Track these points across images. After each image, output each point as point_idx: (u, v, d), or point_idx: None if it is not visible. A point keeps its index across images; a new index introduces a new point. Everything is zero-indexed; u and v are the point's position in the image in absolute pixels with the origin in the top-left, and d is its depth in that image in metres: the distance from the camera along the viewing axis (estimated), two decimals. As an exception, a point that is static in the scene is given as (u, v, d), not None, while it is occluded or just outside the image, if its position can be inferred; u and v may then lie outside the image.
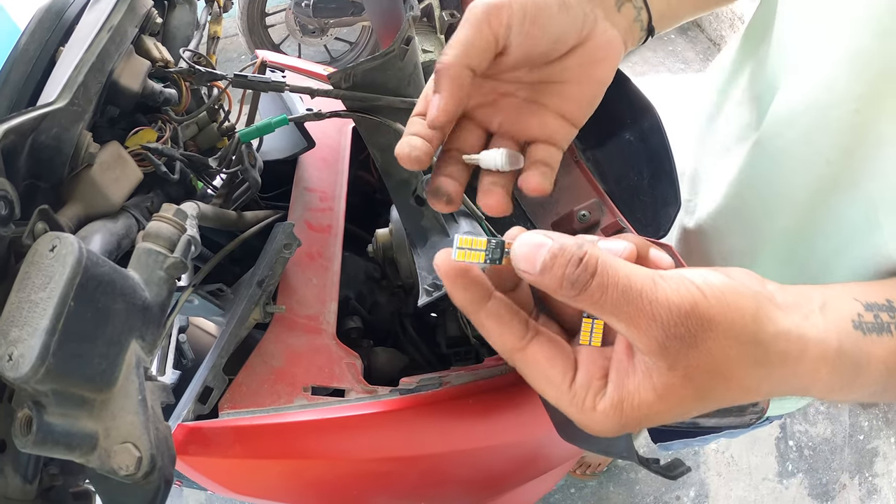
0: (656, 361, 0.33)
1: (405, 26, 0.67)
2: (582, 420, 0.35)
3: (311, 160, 0.91)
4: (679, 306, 0.32)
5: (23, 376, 0.37)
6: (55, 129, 0.49)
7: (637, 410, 0.34)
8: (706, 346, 0.33)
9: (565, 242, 0.33)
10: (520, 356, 0.36)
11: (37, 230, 0.45)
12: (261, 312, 0.70)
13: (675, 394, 0.33)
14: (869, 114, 0.57)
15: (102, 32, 0.52)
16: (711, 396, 0.34)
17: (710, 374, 0.33)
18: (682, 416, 0.35)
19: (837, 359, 0.39)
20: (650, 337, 0.32)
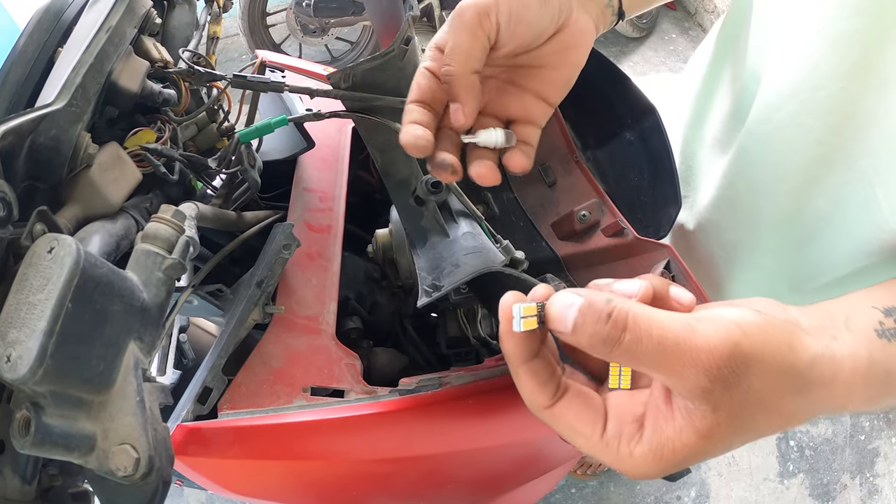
0: (699, 406, 0.33)
1: (405, 26, 0.67)
2: (619, 466, 0.36)
3: (310, 160, 0.91)
4: (721, 350, 0.32)
5: (21, 378, 0.37)
6: (54, 130, 0.49)
7: (679, 454, 0.34)
8: (749, 384, 0.32)
9: (593, 299, 0.33)
10: (548, 413, 0.38)
11: (35, 231, 0.45)
12: (260, 313, 0.70)
13: (720, 433, 0.33)
14: (855, 91, 0.58)
15: (101, 33, 0.52)
16: (753, 428, 0.34)
17: (754, 408, 0.33)
18: (724, 450, 0.35)
19: (870, 370, 0.39)
20: (693, 384, 0.32)
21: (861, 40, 0.56)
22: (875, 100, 0.57)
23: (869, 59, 0.56)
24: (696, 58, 0.93)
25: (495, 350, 0.91)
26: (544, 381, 0.38)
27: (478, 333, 0.92)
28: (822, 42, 0.59)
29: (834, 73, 0.59)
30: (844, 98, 0.59)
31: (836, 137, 0.62)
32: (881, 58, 0.55)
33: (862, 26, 0.55)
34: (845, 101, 0.59)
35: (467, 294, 0.87)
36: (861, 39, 0.56)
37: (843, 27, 0.57)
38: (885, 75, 0.56)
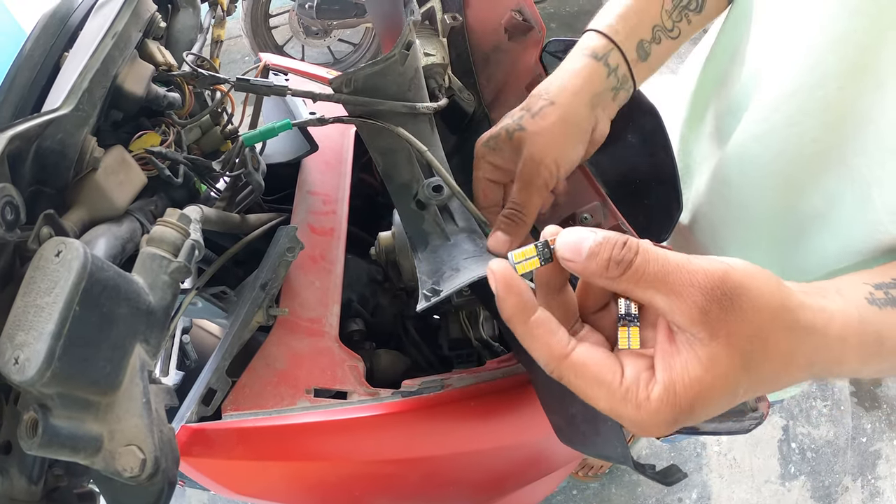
0: (698, 332, 0.34)
1: (406, 31, 0.67)
2: (638, 417, 0.36)
3: (314, 163, 0.91)
4: (713, 273, 0.34)
5: (29, 380, 0.38)
6: (60, 134, 0.50)
7: (689, 390, 0.35)
8: (741, 310, 0.34)
9: (607, 232, 0.37)
10: (567, 363, 0.38)
11: (42, 235, 0.46)
12: (264, 315, 0.70)
13: (721, 363, 0.34)
14: (852, 91, 0.59)
15: (107, 39, 0.52)
16: (755, 366, 0.35)
17: (749, 338, 0.35)
18: (731, 391, 0.35)
19: (861, 328, 0.41)
20: (691, 302, 0.34)
21: (859, 41, 0.57)
22: (871, 100, 0.58)
23: (867, 59, 0.57)
24: (695, 55, 0.94)
25: (497, 352, 0.91)
26: (555, 330, 0.38)
27: (480, 335, 0.92)
28: (822, 42, 0.60)
29: (832, 72, 0.60)
30: (842, 98, 0.60)
31: (832, 136, 0.63)
32: (878, 58, 0.56)
33: (860, 27, 0.56)
34: (842, 101, 0.60)
35: (469, 296, 0.88)
36: (859, 40, 0.57)
37: (842, 27, 0.58)
38: (881, 76, 0.57)
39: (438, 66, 0.87)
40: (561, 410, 0.71)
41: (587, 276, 0.37)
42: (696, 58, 0.92)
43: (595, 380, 0.37)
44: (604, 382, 0.37)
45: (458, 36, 0.94)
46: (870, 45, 0.56)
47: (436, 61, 0.87)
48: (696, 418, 0.36)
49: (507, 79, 0.89)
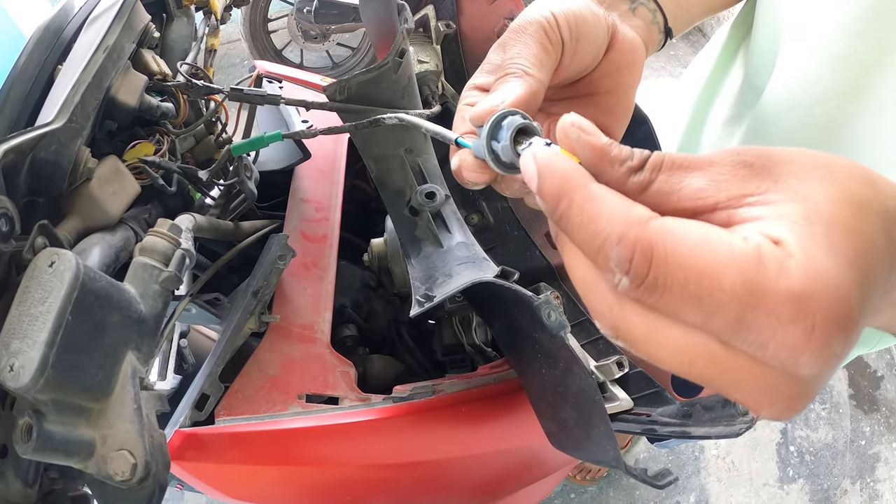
0: (759, 185, 0.26)
1: (399, 39, 0.68)
2: (794, 282, 0.23)
3: (307, 171, 0.93)
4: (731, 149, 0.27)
5: (23, 386, 0.39)
6: (54, 146, 0.51)
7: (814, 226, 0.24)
8: (783, 157, 0.27)
9: None
10: (657, 225, 0.25)
11: (37, 245, 0.47)
12: (256, 322, 0.71)
13: (811, 192, 0.25)
14: (852, 111, 0.58)
15: (98, 52, 0.53)
16: (847, 191, 0.25)
17: (817, 169, 0.26)
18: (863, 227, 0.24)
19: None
20: (731, 163, 0.26)
21: (860, 61, 0.56)
22: (872, 123, 0.57)
23: (867, 80, 0.56)
24: (697, 64, 0.94)
25: (490, 357, 0.92)
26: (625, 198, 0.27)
27: (473, 341, 0.93)
28: (823, 60, 0.59)
29: (832, 91, 0.59)
30: (841, 117, 0.59)
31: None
32: (879, 80, 0.55)
33: (862, 48, 0.55)
34: (842, 121, 0.59)
35: (462, 302, 0.88)
36: (860, 60, 0.56)
37: (842, 47, 0.57)
38: (882, 99, 0.55)
39: (432, 73, 0.88)
40: (553, 415, 0.72)
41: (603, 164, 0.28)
42: (698, 66, 0.92)
43: (706, 239, 0.24)
44: (721, 241, 0.24)
45: (452, 43, 0.95)
46: (870, 68, 0.55)
47: (429, 68, 0.88)
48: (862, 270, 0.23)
49: (499, 86, 0.90)
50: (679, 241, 0.24)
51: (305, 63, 3.25)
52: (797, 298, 0.22)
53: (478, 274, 0.66)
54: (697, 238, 0.24)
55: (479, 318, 0.95)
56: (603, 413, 0.61)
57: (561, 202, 0.27)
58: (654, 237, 0.24)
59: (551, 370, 0.69)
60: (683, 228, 0.24)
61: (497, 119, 0.33)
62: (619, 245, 0.25)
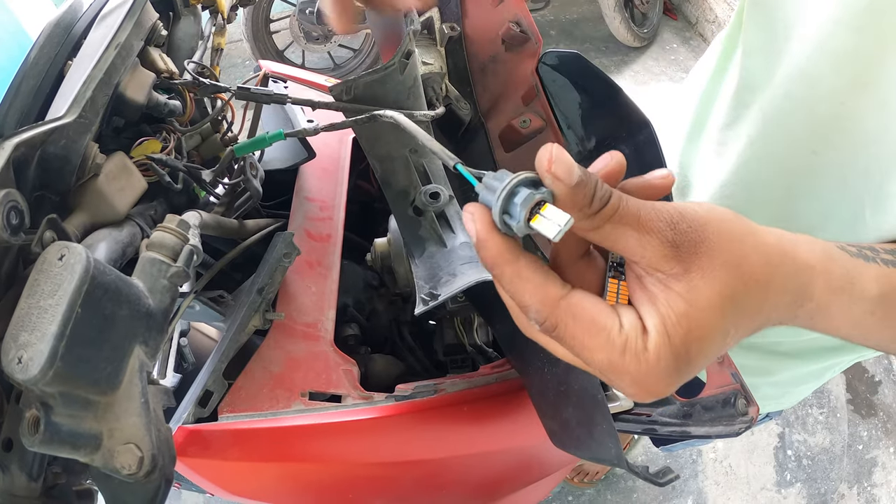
0: (672, 267, 0.34)
1: (406, 40, 0.68)
2: (639, 370, 0.34)
3: (311, 170, 0.93)
4: (677, 208, 0.35)
5: (32, 378, 0.39)
6: (63, 140, 0.51)
7: (679, 327, 0.34)
8: (710, 239, 0.34)
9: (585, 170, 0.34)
10: (563, 305, 0.35)
11: (45, 239, 0.47)
12: (260, 319, 0.71)
13: (702, 293, 0.34)
14: (853, 108, 0.59)
15: (110, 49, 0.54)
16: (735, 294, 0.35)
17: (723, 265, 0.34)
18: (720, 325, 0.35)
19: (828, 260, 0.40)
20: (662, 238, 0.34)
21: (860, 56, 0.56)
22: (874, 120, 0.58)
23: (869, 77, 0.56)
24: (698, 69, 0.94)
25: (491, 357, 0.92)
26: (547, 272, 0.35)
27: (474, 341, 0.93)
28: (822, 57, 0.59)
29: (833, 88, 0.59)
30: (843, 113, 0.60)
31: (832, 152, 0.62)
32: (881, 76, 0.55)
33: (861, 43, 0.56)
34: (844, 117, 0.60)
35: (464, 303, 0.89)
36: (860, 56, 0.56)
37: (841, 43, 0.57)
38: (883, 94, 0.56)
39: (436, 74, 0.88)
40: (555, 414, 0.72)
41: (568, 206, 0.33)
42: (698, 71, 0.93)
43: (594, 325, 0.34)
44: (603, 329, 0.34)
45: (456, 45, 0.95)
46: (871, 63, 0.56)
47: (434, 70, 0.88)
48: (694, 362, 0.35)
49: (503, 89, 0.90)
50: (576, 319, 0.35)
51: (307, 64, 3.25)
52: (634, 378, 0.35)
53: (482, 273, 0.67)
54: (589, 322, 0.35)
55: (481, 319, 0.95)
56: (605, 411, 0.61)
57: (494, 270, 0.36)
58: (560, 315, 0.35)
59: (553, 369, 0.69)
60: (581, 311, 0.35)
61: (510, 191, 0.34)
62: (536, 314, 0.35)
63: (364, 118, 0.61)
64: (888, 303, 0.43)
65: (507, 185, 0.34)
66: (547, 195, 0.33)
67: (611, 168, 0.37)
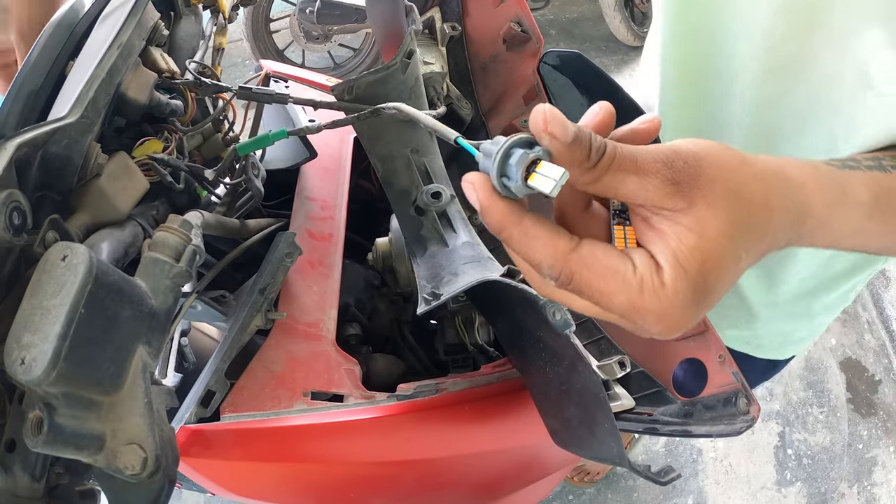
0: (676, 203, 0.34)
1: (407, 40, 0.68)
2: (660, 306, 0.35)
3: (312, 170, 0.93)
4: (670, 147, 0.35)
5: (35, 379, 0.39)
6: (65, 140, 0.51)
7: (693, 259, 0.34)
8: (707, 171, 0.35)
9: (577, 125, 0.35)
10: (575, 256, 0.35)
11: (48, 239, 0.47)
12: (262, 319, 0.71)
13: (709, 223, 0.34)
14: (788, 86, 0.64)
15: (112, 49, 0.54)
16: (740, 218, 0.35)
17: (725, 193, 0.35)
18: (732, 250, 0.35)
19: (818, 175, 0.42)
20: (662, 177, 0.34)
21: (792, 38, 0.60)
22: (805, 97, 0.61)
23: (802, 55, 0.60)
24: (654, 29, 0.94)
25: (492, 357, 0.92)
26: (555, 227, 0.36)
27: (475, 340, 0.94)
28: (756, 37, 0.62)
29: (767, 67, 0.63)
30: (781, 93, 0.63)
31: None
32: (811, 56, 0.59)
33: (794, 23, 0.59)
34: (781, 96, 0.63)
35: (465, 302, 0.89)
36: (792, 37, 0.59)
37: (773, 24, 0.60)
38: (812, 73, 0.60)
39: (437, 74, 0.89)
40: (557, 414, 0.72)
41: (566, 163, 0.34)
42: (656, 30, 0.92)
43: (607, 270, 0.35)
44: (617, 272, 0.35)
45: (457, 45, 0.95)
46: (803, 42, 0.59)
47: (435, 70, 0.88)
48: (712, 291, 0.35)
49: (504, 88, 0.90)
50: (590, 268, 0.35)
51: (307, 63, 3.25)
52: (657, 314, 0.35)
53: (484, 273, 0.67)
54: (602, 268, 0.35)
55: (482, 318, 0.95)
56: (607, 410, 0.61)
57: (502, 233, 0.36)
58: (573, 267, 0.35)
59: (555, 368, 0.69)
60: (593, 259, 0.35)
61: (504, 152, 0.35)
62: (549, 269, 0.36)
63: (367, 113, 0.61)
64: (881, 204, 0.44)
65: (502, 147, 0.34)
66: (542, 153, 0.34)
67: (601, 118, 0.38)
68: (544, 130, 0.33)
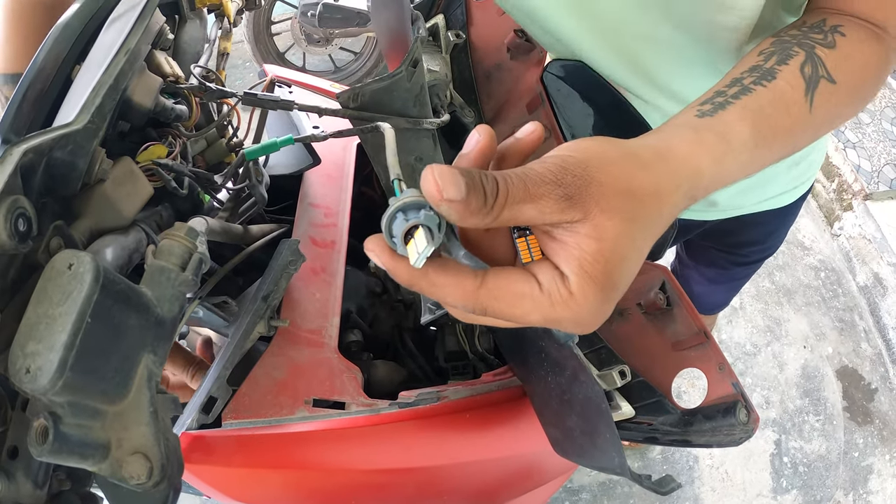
0: (573, 215, 0.36)
1: (414, 48, 0.68)
2: (572, 313, 0.36)
3: (315, 176, 0.93)
4: (556, 163, 0.36)
5: (41, 389, 0.39)
6: (71, 146, 0.51)
7: (597, 263, 0.36)
8: (595, 178, 0.36)
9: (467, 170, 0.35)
10: (483, 291, 0.37)
11: (52, 246, 0.47)
12: (265, 326, 0.71)
13: (607, 228, 0.36)
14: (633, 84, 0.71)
15: (119, 55, 0.54)
16: (636, 215, 0.37)
17: (616, 195, 0.36)
18: (632, 246, 0.37)
19: (698, 137, 0.43)
20: (555, 197, 0.35)
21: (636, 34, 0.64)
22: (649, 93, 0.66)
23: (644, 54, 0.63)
24: None
25: (493, 365, 0.92)
26: (457, 270, 0.37)
27: (476, 348, 0.94)
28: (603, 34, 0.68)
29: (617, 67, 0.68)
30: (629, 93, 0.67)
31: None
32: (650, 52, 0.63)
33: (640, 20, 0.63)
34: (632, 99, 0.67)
35: (467, 309, 0.88)
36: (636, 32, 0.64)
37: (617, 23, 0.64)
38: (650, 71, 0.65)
39: (441, 82, 0.89)
40: (558, 423, 0.72)
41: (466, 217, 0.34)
42: None
43: (515, 296, 0.37)
44: (525, 295, 0.37)
45: (461, 53, 0.95)
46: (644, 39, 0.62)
47: (439, 77, 0.88)
48: (620, 286, 0.37)
49: (508, 96, 0.91)
50: (499, 298, 0.37)
51: (308, 66, 3.25)
52: (572, 321, 0.37)
53: None
54: (510, 296, 0.37)
55: (483, 326, 0.95)
56: (609, 421, 0.61)
57: (412, 287, 0.38)
58: (484, 301, 0.37)
59: (557, 378, 0.69)
60: (499, 290, 0.37)
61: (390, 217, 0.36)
62: (464, 307, 0.38)
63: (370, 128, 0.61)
64: (762, 130, 0.46)
65: (387, 213, 0.35)
66: (423, 218, 0.34)
67: (481, 146, 0.39)
68: (441, 200, 0.33)
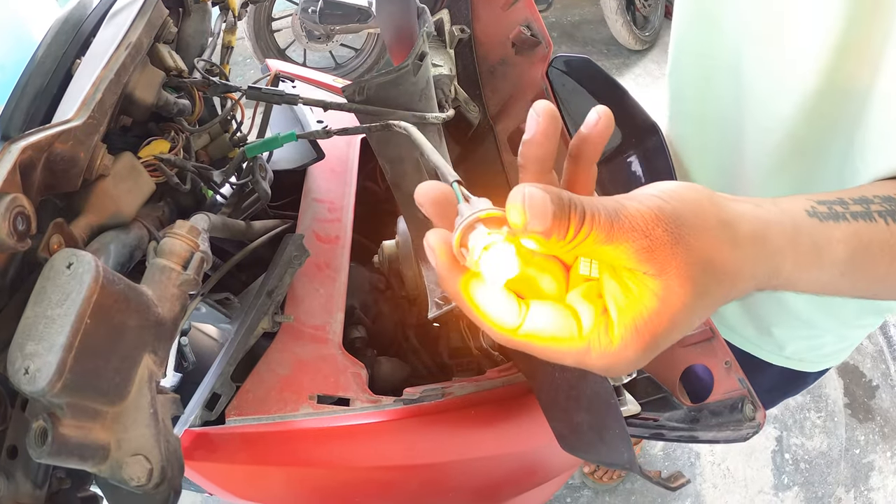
0: (648, 268, 0.34)
1: (420, 42, 0.67)
2: (604, 363, 0.36)
3: (319, 171, 0.92)
4: (649, 212, 0.34)
5: (39, 390, 0.38)
6: (71, 142, 0.50)
7: (650, 326, 0.35)
8: (684, 241, 0.34)
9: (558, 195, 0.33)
10: (522, 332, 0.36)
11: (52, 244, 0.46)
12: (269, 322, 0.70)
13: (676, 294, 0.34)
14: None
15: (120, 49, 0.53)
16: (707, 290, 0.36)
17: (697, 265, 0.35)
18: (689, 319, 0.36)
19: (797, 236, 0.41)
20: (638, 246, 0.34)
21: None
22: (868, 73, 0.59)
23: None
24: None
25: (497, 361, 0.91)
26: (506, 300, 0.36)
27: (480, 344, 0.93)
28: None
29: None
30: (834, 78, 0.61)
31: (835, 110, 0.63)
32: None
33: None
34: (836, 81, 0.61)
35: (471, 306, 0.88)
36: None
37: None
38: None
39: (446, 76, 0.87)
40: (565, 418, 0.72)
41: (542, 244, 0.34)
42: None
43: (553, 341, 0.36)
44: (563, 340, 0.36)
45: (466, 48, 0.94)
46: None
47: (443, 72, 0.87)
48: (661, 348, 0.36)
49: (512, 92, 0.89)
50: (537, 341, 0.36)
51: (308, 63, 3.24)
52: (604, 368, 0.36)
53: None
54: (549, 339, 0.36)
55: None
56: (618, 416, 0.61)
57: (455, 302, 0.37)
58: (522, 341, 0.36)
59: (564, 374, 0.69)
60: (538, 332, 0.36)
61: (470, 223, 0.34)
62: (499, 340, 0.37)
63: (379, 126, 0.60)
64: (857, 262, 0.44)
65: (465, 220, 0.34)
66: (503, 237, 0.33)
67: (543, 127, 0.37)
68: (524, 230, 0.33)
